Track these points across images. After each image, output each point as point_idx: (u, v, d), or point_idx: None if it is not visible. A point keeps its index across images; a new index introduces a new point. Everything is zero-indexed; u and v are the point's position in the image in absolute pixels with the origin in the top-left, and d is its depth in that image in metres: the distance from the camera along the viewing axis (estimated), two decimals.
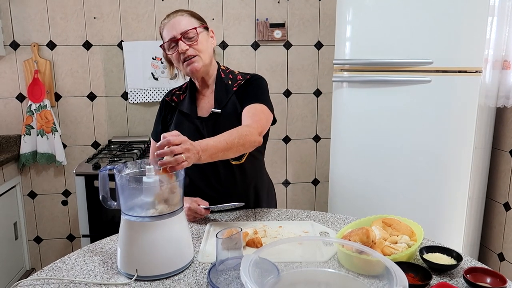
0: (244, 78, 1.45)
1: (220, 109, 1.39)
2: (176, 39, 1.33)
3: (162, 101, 1.53)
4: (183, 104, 1.46)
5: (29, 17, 2.45)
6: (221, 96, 1.41)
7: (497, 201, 2.17)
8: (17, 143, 2.53)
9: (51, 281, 0.97)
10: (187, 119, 1.43)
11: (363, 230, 1.02)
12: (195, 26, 1.34)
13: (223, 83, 1.43)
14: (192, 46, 1.34)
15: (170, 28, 1.33)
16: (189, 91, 1.47)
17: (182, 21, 1.34)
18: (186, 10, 1.39)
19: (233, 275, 0.95)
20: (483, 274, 0.94)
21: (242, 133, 1.20)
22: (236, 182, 1.43)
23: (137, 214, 0.97)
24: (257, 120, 1.31)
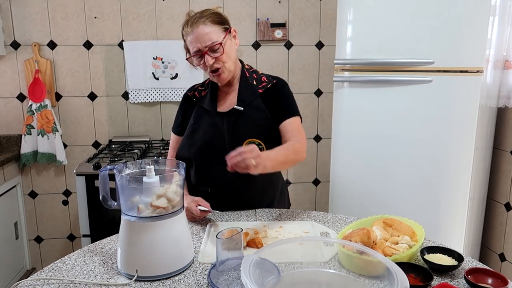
0: (270, 82, 1.46)
1: (243, 107, 1.40)
2: (201, 52, 1.34)
3: (184, 95, 1.55)
4: (204, 100, 1.48)
5: (30, 16, 2.45)
6: (245, 95, 1.42)
7: (498, 201, 2.16)
8: (17, 143, 2.53)
9: (51, 281, 0.97)
10: (207, 114, 1.45)
11: (364, 231, 1.02)
12: (220, 38, 1.33)
13: (247, 83, 1.44)
14: (217, 59, 1.35)
15: (195, 41, 1.33)
16: (211, 88, 1.48)
17: (205, 32, 1.32)
18: (207, 14, 1.35)
19: (234, 276, 0.95)
20: (484, 275, 0.94)
21: (296, 150, 1.30)
22: (250, 180, 1.41)
23: (137, 214, 0.97)
24: (302, 136, 1.39)
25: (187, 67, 2.55)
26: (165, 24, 2.55)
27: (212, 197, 1.39)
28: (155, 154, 2.29)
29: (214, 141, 1.41)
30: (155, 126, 2.67)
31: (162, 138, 2.68)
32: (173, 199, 0.99)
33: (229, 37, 1.39)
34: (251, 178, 1.39)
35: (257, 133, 1.39)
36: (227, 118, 1.41)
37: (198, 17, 1.34)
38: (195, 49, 1.34)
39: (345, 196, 2.11)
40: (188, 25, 1.35)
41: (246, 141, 1.38)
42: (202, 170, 1.44)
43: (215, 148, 1.40)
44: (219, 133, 1.41)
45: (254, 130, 1.40)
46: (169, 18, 2.55)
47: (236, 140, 1.38)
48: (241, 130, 1.40)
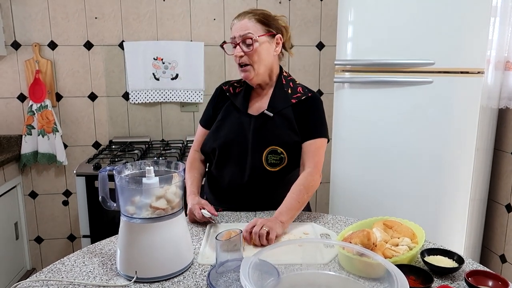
0: (305, 94, 1.44)
1: (273, 113, 1.40)
2: (235, 42, 1.35)
3: (218, 88, 1.55)
4: (237, 97, 1.48)
5: (30, 17, 2.45)
6: (277, 102, 1.41)
7: (499, 202, 2.16)
8: (18, 143, 2.53)
9: (50, 282, 0.96)
10: (236, 112, 1.45)
11: (364, 233, 1.01)
12: (256, 34, 1.34)
13: (282, 90, 1.44)
14: (247, 54, 1.35)
15: (234, 29, 1.36)
16: (246, 87, 1.48)
17: (245, 26, 1.34)
18: (258, 12, 1.37)
19: (233, 277, 0.94)
20: (484, 277, 0.94)
21: (309, 186, 1.34)
22: (269, 189, 1.42)
23: (137, 215, 0.97)
24: (317, 161, 1.39)
25: (187, 68, 2.56)
26: (165, 25, 2.55)
27: (227, 195, 1.40)
28: (155, 155, 2.29)
29: (237, 140, 1.41)
30: (156, 127, 2.67)
31: (162, 138, 2.68)
32: (173, 201, 0.99)
33: (269, 40, 1.38)
34: (266, 180, 1.41)
35: (281, 142, 1.39)
36: (255, 121, 1.41)
37: (248, 12, 1.38)
38: (232, 36, 1.37)
39: (345, 197, 2.11)
40: (236, 17, 1.38)
41: (268, 148, 1.38)
42: (221, 166, 1.44)
43: (237, 147, 1.40)
44: (244, 134, 1.41)
45: (278, 139, 1.39)
46: (170, 18, 2.54)
47: (259, 144, 1.39)
48: (265, 136, 1.39)
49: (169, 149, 2.42)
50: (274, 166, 1.40)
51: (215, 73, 2.64)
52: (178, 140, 2.62)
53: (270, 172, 1.40)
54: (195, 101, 2.60)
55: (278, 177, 1.42)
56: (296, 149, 1.41)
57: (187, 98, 2.59)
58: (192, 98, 2.59)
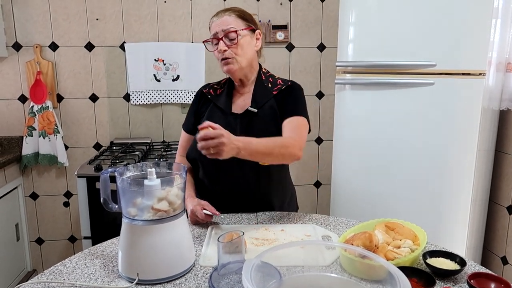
0: (285, 84, 1.47)
1: (257, 108, 1.41)
2: (218, 37, 1.36)
3: (198, 92, 1.55)
4: (219, 98, 1.48)
5: (32, 18, 2.45)
6: (259, 97, 1.43)
7: (500, 204, 2.16)
8: (19, 144, 2.53)
9: (52, 284, 0.96)
10: (221, 114, 1.45)
11: (366, 235, 1.01)
12: (238, 28, 1.36)
13: (262, 85, 1.45)
14: (231, 48, 1.36)
15: (215, 26, 1.38)
16: (227, 87, 1.49)
17: (227, 21, 1.36)
18: (236, 9, 1.41)
19: (235, 279, 0.94)
20: (487, 279, 0.94)
21: (285, 143, 1.28)
22: (260, 185, 1.42)
23: (138, 217, 0.97)
24: (299, 133, 1.35)
25: (188, 69, 2.56)
26: (166, 26, 2.55)
27: (222, 198, 1.39)
28: (156, 156, 2.29)
29: None
30: (157, 128, 2.67)
31: (163, 140, 2.68)
32: (174, 202, 0.98)
33: (250, 34, 1.41)
34: (260, 176, 1.40)
35: (270, 135, 1.36)
36: (241, 120, 1.42)
37: (227, 9, 1.40)
38: (213, 32, 1.38)
39: (346, 199, 2.11)
40: (215, 15, 1.40)
41: None
42: (212, 170, 1.43)
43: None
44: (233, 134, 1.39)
45: (266, 133, 1.37)
46: (171, 20, 2.55)
47: None
48: (253, 132, 1.37)
49: (170, 150, 2.42)
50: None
51: (216, 75, 2.63)
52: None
53: (264, 167, 1.39)
54: None
55: (271, 171, 1.41)
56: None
57: (188, 99, 2.59)
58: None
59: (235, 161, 1.37)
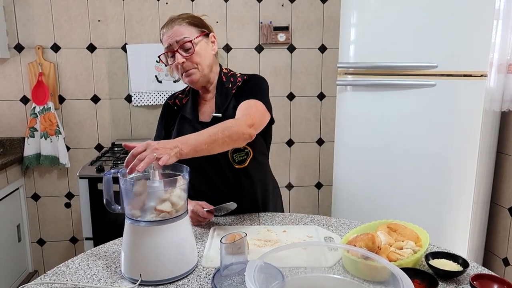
0: (242, 80, 1.43)
1: (221, 113, 1.37)
2: (173, 50, 1.32)
3: (164, 104, 1.51)
4: (185, 108, 1.45)
5: (34, 19, 2.46)
6: (221, 101, 1.39)
7: (502, 205, 2.15)
8: (21, 146, 2.54)
9: (55, 285, 0.96)
10: (189, 125, 1.41)
11: (369, 236, 1.01)
12: (192, 36, 1.32)
13: (224, 87, 1.41)
14: (189, 59, 1.32)
15: (167, 38, 1.32)
16: (192, 96, 1.45)
17: (179, 31, 1.31)
18: (185, 16, 1.36)
19: (238, 280, 0.94)
20: (489, 280, 0.93)
21: (227, 125, 1.17)
22: (241, 186, 1.42)
23: (141, 218, 0.97)
24: (247, 113, 1.26)
25: None
26: None
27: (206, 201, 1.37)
28: None
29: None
30: None
31: None
32: (177, 203, 0.99)
33: (205, 40, 1.36)
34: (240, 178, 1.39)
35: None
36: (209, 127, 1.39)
37: (175, 18, 1.35)
38: (167, 45, 1.32)
39: (348, 200, 2.11)
40: (165, 26, 1.35)
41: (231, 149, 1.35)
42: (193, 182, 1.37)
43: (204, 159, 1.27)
44: None
45: None
46: None
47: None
48: None
49: None
50: (243, 163, 1.38)
51: None
52: None
53: (242, 169, 1.39)
54: None
55: (250, 171, 1.41)
56: (258, 138, 1.38)
57: None
58: None
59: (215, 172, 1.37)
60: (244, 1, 2.58)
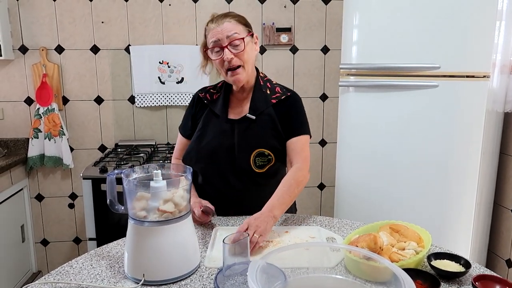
0: (284, 93, 1.45)
1: (255, 116, 1.40)
2: (221, 45, 1.32)
3: (194, 96, 1.52)
4: (215, 104, 1.46)
5: (38, 21, 2.47)
6: (258, 104, 1.41)
7: (505, 206, 2.15)
8: (25, 146, 2.55)
9: (59, 285, 0.97)
10: (216, 119, 1.43)
11: (371, 236, 1.01)
12: (243, 35, 1.33)
13: (261, 91, 1.43)
14: (237, 55, 1.33)
15: (216, 33, 1.32)
16: (224, 92, 1.46)
17: (230, 27, 1.31)
18: (234, 14, 1.37)
19: (240, 281, 0.95)
20: (492, 281, 0.94)
21: (299, 181, 1.33)
22: (258, 189, 1.43)
23: (144, 218, 0.98)
24: (305, 157, 1.39)
25: (193, 72, 2.57)
26: (171, 29, 2.57)
27: (218, 202, 1.38)
28: (161, 158, 2.30)
29: (223, 148, 1.40)
30: (161, 130, 2.68)
31: (167, 142, 2.69)
32: (180, 204, 0.99)
33: (251, 40, 1.38)
34: (255, 182, 1.41)
35: (266, 144, 1.39)
36: (238, 126, 1.41)
37: (224, 15, 1.34)
38: (215, 39, 1.32)
39: (350, 201, 2.11)
40: (212, 21, 1.34)
41: (256, 151, 1.38)
42: (208, 175, 1.44)
43: (223, 154, 1.40)
44: (228, 141, 1.40)
45: (264, 141, 1.39)
46: (176, 23, 2.56)
47: (245, 148, 1.39)
48: (251, 139, 1.39)
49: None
50: (262, 168, 1.40)
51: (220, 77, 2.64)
52: None
53: (259, 174, 1.40)
54: None
55: (266, 176, 1.42)
56: (282, 148, 1.41)
57: None
58: None
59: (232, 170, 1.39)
60: (247, 3, 2.59)
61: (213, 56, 1.36)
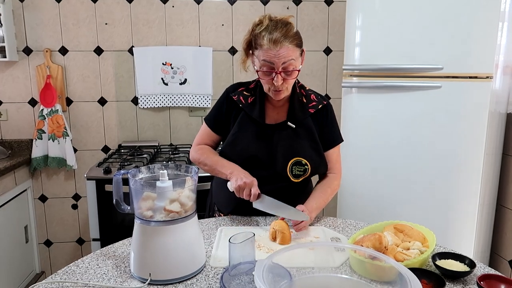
0: (319, 102, 1.45)
1: (295, 125, 1.40)
2: (274, 70, 1.28)
3: (227, 96, 1.47)
4: (252, 108, 1.42)
5: (42, 23, 2.49)
6: (297, 113, 1.41)
7: (508, 207, 2.15)
8: (28, 147, 2.56)
9: (65, 284, 0.98)
10: (253, 124, 1.41)
11: (376, 236, 1.02)
12: (297, 61, 1.31)
13: (298, 100, 1.43)
14: (287, 81, 1.32)
15: (271, 56, 1.27)
16: (259, 97, 1.43)
17: (287, 54, 1.27)
18: (292, 35, 1.29)
19: (246, 280, 0.95)
20: (497, 281, 0.94)
21: (334, 190, 1.46)
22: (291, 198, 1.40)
23: (151, 218, 0.98)
24: (340, 167, 1.51)
25: (196, 73, 2.58)
26: (174, 30, 2.58)
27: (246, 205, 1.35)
28: (164, 159, 2.30)
29: (263, 153, 1.39)
30: (164, 131, 2.69)
31: (171, 143, 2.70)
32: (186, 204, 1.00)
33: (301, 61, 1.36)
34: (288, 191, 1.41)
35: (305, 153, 1.39)
36: (278, 132, 1.40)
37: (283, 37, 1.27)
38: (268, 60, 1.27)
39: (353, 202, 2.11)
40: (270, 39, 1.26)
41: (293, 160, 1.38)
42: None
43: (260, 160, 1.39)
44: (268, 146, 1.39)
45: (302, 150, 1.39)
46: (179, 24, 2.57)
47: (284, 156, 1.38)
48: (290, 147, 1.39)
49: (177, 154, 2.43)
50: (298, 177, 1.40)
51: (223, 78, 2.66)
52: (187, 145, 2.64)
53: (293, 183, 1.41)
54: (204, 106, 2.62)
55: (299, 187, 1.44)
56: (319, 159, 1.42)
57: (195, 103, 2.61)
58: (201, 103, 2.61)
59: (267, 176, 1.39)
60: (250, 4, 2.60)
61: (261, 75, 1.32)
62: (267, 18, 1.33)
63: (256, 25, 1.33)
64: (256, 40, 1.31)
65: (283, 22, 1.31)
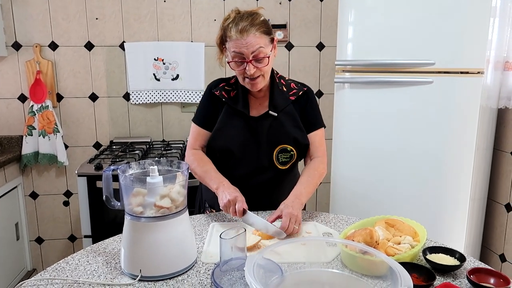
0: (300, 89, 1.49)
1: (277, 113, 1.42)
2: (245, 59, 1.30)
3: (209, 92, 1.48)
4: (235, 101, 1.44)
5: (31, 17, 2.45)
6: (277, 101, 1.43)
7: (498, 202, 2.17)
8: (19, 144, 2.54)
9: (55, 281, 0.97)
10: (238, 116, 1.43)
11: (367, 231, 1.02)
12: (267, 48, 1.31)
13: (278, 89, 1.45)
14: (260, 69, 1.32)
15: (241, 46, 1.28)
16: (242, 91, 1.44)
17: (255, 42, 1.27)
18: (258, 23, 1.30)
19: (237, 276, 0.95)
20: (486, 274, 0.95)
21: (321, 173, 1.46)
22: (280, 185, 1.47)
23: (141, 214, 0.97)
24: (323, 150, 1.51)
25: (188, 68, 2.57)
26: (166, 25, 2.56)
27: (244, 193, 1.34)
28: (156, 155, 2.29)
29: (250, 145, 1.42)
30: (156, 127, 2.67)
31: (163, 139, 2.68)
32: (177, 200, 0.99)
33: (273, 49, 1.37)
34: (275, 178, 1.45)
35: (289, 140, 1.42)
36: (261, 122, 1.42)
37: (249, 25, 1.28)
38: (238, 51, 1.29)
39: (345, 197, 2.12)
40: (237, 30, 1.28)
41: (278, 147, 1.42)
42: (229, 168, 1.44)
43: (246, 150, 1.42)
44: (254, 137, 1.42)
45: (287, 137, 1.42)
46: (171, 19, 2.55)
47: (269, 145, 1.42)
48: (275, 136, 1.42)
49: (169, 150, 2.42)
50: (285, 164, 1.45)
51: (216, 74, 2.64)
52: (179, 141, 2.63)
53: (280, 170, 1.45)
54: (196, 101, 2.60)
55: (286, 173, 1.47)
56: (304, 144, 1.46)
57: (187, 98, 2.60)
58: (193, 99, 2.60)
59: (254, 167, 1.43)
60: (242, 0, 2.59)
61: (233, 66, 1.34)
62: (234, 11, 1.36)
63: (225, 19, 1.36)
64: (226, 33, 1.33)
65: (249, 12, 1.35)
